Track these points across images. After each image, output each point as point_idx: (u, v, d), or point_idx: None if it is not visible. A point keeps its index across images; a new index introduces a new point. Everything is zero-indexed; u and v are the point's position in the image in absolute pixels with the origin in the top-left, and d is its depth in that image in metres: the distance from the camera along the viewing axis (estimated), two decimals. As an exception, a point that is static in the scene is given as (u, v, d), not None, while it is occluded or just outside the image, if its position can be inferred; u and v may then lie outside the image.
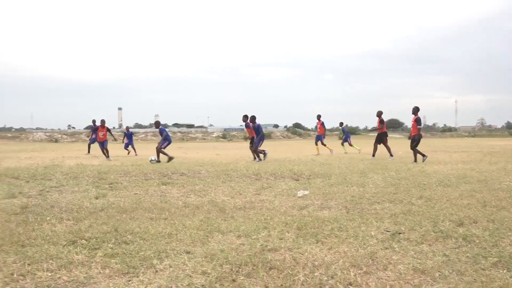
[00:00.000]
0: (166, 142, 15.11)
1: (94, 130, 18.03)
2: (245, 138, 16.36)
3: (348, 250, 3.94)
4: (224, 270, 3.44)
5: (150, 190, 7.78)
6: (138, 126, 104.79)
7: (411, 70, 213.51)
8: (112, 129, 23.56)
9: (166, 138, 15.15)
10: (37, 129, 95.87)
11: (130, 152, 20.97)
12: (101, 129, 17.20)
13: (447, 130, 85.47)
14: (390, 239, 4.28)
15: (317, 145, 19.75)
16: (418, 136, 13.75)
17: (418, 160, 13.51)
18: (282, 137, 68.01)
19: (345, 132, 21.75)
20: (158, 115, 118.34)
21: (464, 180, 8.75)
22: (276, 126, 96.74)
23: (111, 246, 4.11)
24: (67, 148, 30.94)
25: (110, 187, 8.19)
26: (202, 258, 3.72)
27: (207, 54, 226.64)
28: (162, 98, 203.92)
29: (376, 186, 8.04)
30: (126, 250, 3.97)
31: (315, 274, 3.34)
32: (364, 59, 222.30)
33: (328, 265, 3.54)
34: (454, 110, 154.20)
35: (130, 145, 21.48)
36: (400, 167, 11.63)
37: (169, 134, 15.84)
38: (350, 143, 21.38)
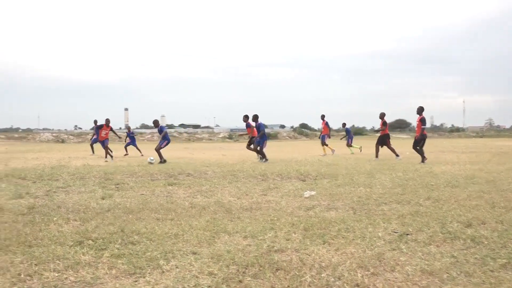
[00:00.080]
0: (165, 142, 15.05)
1: (97, 129, 17.88)
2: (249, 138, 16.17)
3: (355, 251, 3.92)
4: (230, 271, 3.43)
5: (156, 191, 7.79)
6: (144, 126, 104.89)
7: (418, 70, 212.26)
8: (118, 129, 23.44)
9: (165, 137, 15.08)
10: (44, 129, 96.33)
11: (128, 153, 20.50)
12: (105, 128, 17.13)
13: (455, 131, 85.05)
14: (398, 240, 4.26)
15: (323, 145, 19.71)
16: (422, 136, 13.71)
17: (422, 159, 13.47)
18: (288, 137, 67.95)
19: (349, 132, 21.60)
20: (164, 116, 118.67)
21: (472, 180, 8.70)
22: (282, 127, 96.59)
23: (118, 246, 4.11)
24: (74, 148, 31.09)
25: (117, 188, 8.21)
26: (208, 258, 3.72)
27: (214, 55, 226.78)
28: (168, 98, 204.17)
29: (383, 187, 8.01)
30: (132, 250, 3.97)
31: (322, 275, 3.33)
32: (371, 59, 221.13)
33: (335, 266, 3.52)
34: (462, 110, 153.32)
35: (132, 145, 21.21)
36: (407, 168, 11.58)
37: (167, 133, 15.76)
38: (350, 144, 21.31)
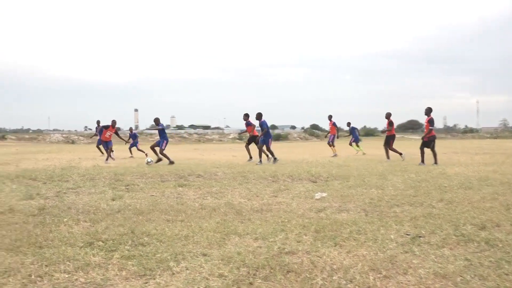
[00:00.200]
0: (165, 142, 14.96)
1: (100, 131, 17.70)
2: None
3: (367, 254, 3.87)
4: (241, 273, 3.41)
5: (166, 192, 7.79)
6: (154, 127, 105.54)
7: (431, 70, 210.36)
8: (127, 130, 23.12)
9: (164, 137, 15.02)
10: (54, 130, 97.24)
11: (133, 154, 20.18)
12: (111, 129, 16.92)
13: (468, 131, 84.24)
14: (410, 243, 4.21)
15: (334, 146, 19.61)
16: (430, 137, 13.62)
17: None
18: (299, 138, 67.73)
19: (357, 131, 21.45)
20: (174, 117, 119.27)
21: (486, 182, 8.59)
22: (293, 128, 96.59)
23: (128, 248, 4.11)
24: (84, 149, 31.29)
25: (127, 189, 8.23)
26: (219, 260, 3.70)
27: (223, 55, 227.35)
28: (178, 99, 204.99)
29: (395, 188, 7.93)
30: (142, 252, 3.96)
31: (334, 277, 3.30)
32: (382, 59, 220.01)
33: (346, 268, 3.48)
34: (476, 110, 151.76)
35: (134, 146, 20.78)
36: (420, 169, 11.48)
37: (165, 131, 15.60)
38: (351, 143, 21.21)
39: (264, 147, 14.91)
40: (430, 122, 13.63)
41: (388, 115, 16.14)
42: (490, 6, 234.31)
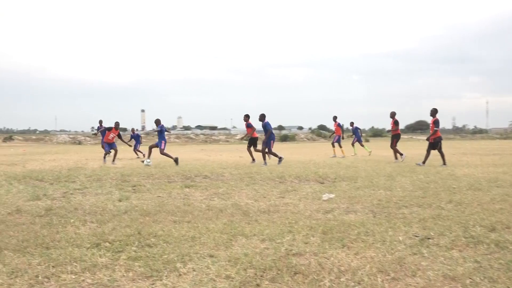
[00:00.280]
0: (163, 142, 14.97)
1: (104, 131, 17.48)
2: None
3: (375, 255, 3.84)
4: (248, 274, 3.39)
5: (173, 193, 7.79)
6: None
7: (440, 70, 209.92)
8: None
9: (163, 138, 15.02)
10: (61, 131, 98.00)
11: (139, 156, 19.83)
12: (114, 131, 16.62)
13: (478, 132, 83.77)
14: (419, 245, 4.18)
15: (341, 147, 19.55)
16: (436, 138, 13.54)
17: (427, 162, 13.32)
18: (306, 139, 67.55)
19: (357, 132, 21.34)
20: (181, 117, 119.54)
21: (496, 183, 8.52)
22: (300, 128, 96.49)
23: (135, 249, 4.10)
24: (90, 150, 31.41)
25: (133, 190, 8.23)
26: (225, 262, 3.68)
27: (230, 56, 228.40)
28: (185, 100, 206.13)
29: (403, 189, 7.88)
30: (149, 253, 3.96)
31: (341, 279, 3.27)
32: (391, 59, 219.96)
33: (354, 270, 3.45)
34: (485, 111, 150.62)
35: (135, 146, 20.73)
36: (428, 170, 11.40)
37: (164, 134, 15.64)
38: (353, 143, 21.13)
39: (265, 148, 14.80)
40: (436, 123, 13.60)
41: (392, 114, 16.07)
42: (501, 5, 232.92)
